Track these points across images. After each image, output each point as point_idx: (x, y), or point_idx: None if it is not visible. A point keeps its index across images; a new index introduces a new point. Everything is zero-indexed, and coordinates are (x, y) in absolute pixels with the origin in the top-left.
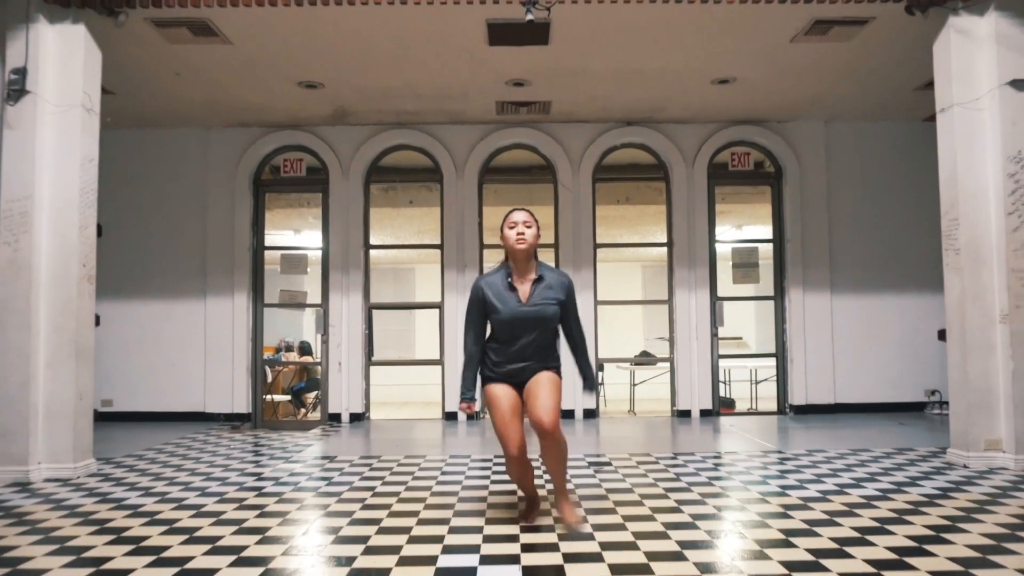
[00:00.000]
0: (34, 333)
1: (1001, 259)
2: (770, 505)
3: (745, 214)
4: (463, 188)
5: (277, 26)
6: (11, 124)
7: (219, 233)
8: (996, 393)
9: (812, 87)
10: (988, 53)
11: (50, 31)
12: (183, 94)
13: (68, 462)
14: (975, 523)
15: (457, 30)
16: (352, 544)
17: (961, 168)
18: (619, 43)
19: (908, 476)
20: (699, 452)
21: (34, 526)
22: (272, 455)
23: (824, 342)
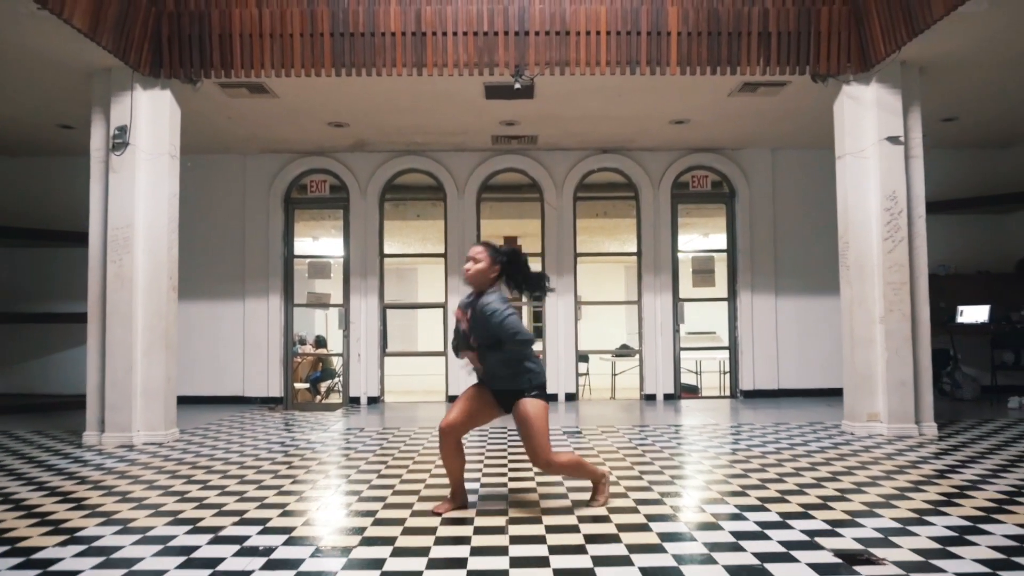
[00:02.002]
0: (134, 330)
1: (879, 274)
2: (692, 458)
3: (707, 226)
4: (464, 205)
5: (317, 86)
6: (115, 169)
7: (255, 244)
8: (875, 377)
9: (754, 126)
10: (872, 114)
11: (144, 96)
12: (230, 131)
13: (160, 429)
14: (841, 461)
15: (461, 90)
16: (388, 480)
17: (851, 203)
18: (589, 98)
19: (805, 439)
20: (652, 425)
21: (145, 467)
22: (312, 427)
23: (769, 337)
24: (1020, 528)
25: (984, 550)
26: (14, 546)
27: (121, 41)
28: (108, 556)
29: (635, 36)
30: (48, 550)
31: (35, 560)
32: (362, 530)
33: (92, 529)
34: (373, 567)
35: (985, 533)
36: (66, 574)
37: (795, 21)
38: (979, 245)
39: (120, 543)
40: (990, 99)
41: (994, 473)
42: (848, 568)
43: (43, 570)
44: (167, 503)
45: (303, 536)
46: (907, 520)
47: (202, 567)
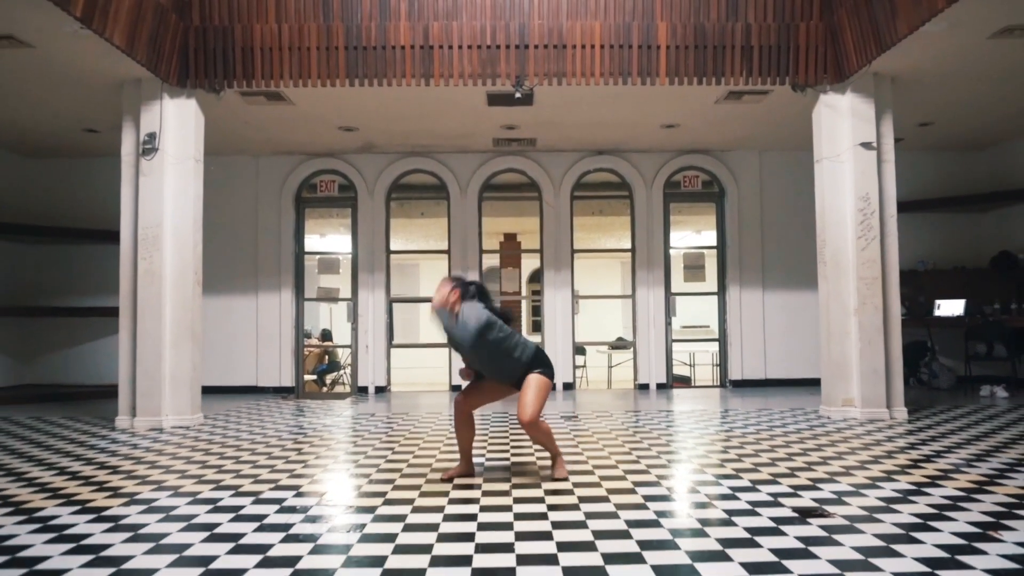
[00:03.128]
0: (163, 323)
1: (854, 270)
2: (677, 438)
3: (698, 224)
4: (466, 203)
5: (331, 94)
6: (145, 173)
7: (268, 241)
8: (850, 366)
9: (740, 130)
10: (847, 121)
11: (171, 104)
12: (245, 134)
13: (187, 414)
14: (814, 440)
15: (465, 98)
16: (404, 454)
17: (828, 204)
18: (585, 106)
19: (784, 422)
20: (644, 410)
21: (179, 446)
22: (325, 413)
23: (757, 329)
24: (958, 491)
25: (922, 507)
26: (84, 506)
27: (153, 55)
28: (168, 514)
29: (627, 49)
30: (114, 509)
31: (106, 516)
32: (383, 494)
33: (147, 494)
34: (397, 520)
35: (926, 495)
36: (136, 526)
37: (775, 35)
38: (956, 242)
39: (176, 503)
40: (961, 107)
41: (948, 450)
42: (802, 520)
43: (115, 523)
44: (207, 474)
45: (333, 499)
46: (861, 485)
47: (251, 520)
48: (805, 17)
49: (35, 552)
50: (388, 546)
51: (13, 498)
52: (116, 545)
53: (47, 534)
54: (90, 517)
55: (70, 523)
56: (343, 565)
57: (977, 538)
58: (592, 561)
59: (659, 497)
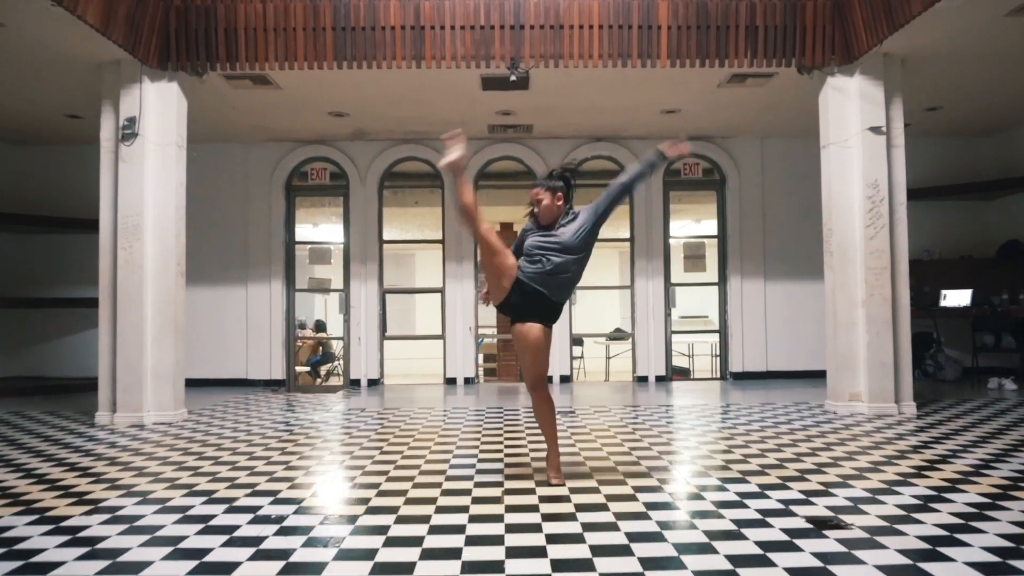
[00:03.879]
0: (144, 315)
1: (861, 259)
2: (679, 435)
3: (698, 212)
4: None
5: (319, 78)
6: (125, 159)
7: (258, 230)
8: (857, 358)
9: (743, 116)
10: (855, 105)
11: (152, 88)
12: (233, 120)
13: (169, 410)
14: (822, 438)
15: (458, 82)
16: (393, 454)
17: (835, 191)
18: (583, 89)
19: (789, 418)
20: (643, 405)
21: (158, 445)
22: (314, 408)
23: (758, 320)
24: (981, 497)
25: (945, 516)
26: (43, 515)
27: (131, 36)
28: (132, 523)
29: (626, 30)
30: (75, 518)
31: (65, 527)
32: (366, 501)
33: (115, 500)
34: (378, 532)
35: (948, 501)
36: (95, 539)
37: (781, 15)
38: (962, 231)
39: (142, 512)
40: (971, 90)
41: (964, 448)
42: (818, 532)
43: (72, 536)
44: (182, 476)
45: (312, 506)
46: (877, 490)
47: (220, 532)
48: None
49: None
50: (366, 564)
51: None
52: (69, 563)
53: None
54: (46, 528)
55: (25, 536)
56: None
57: (1011, 553)
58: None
59: (661, 505)
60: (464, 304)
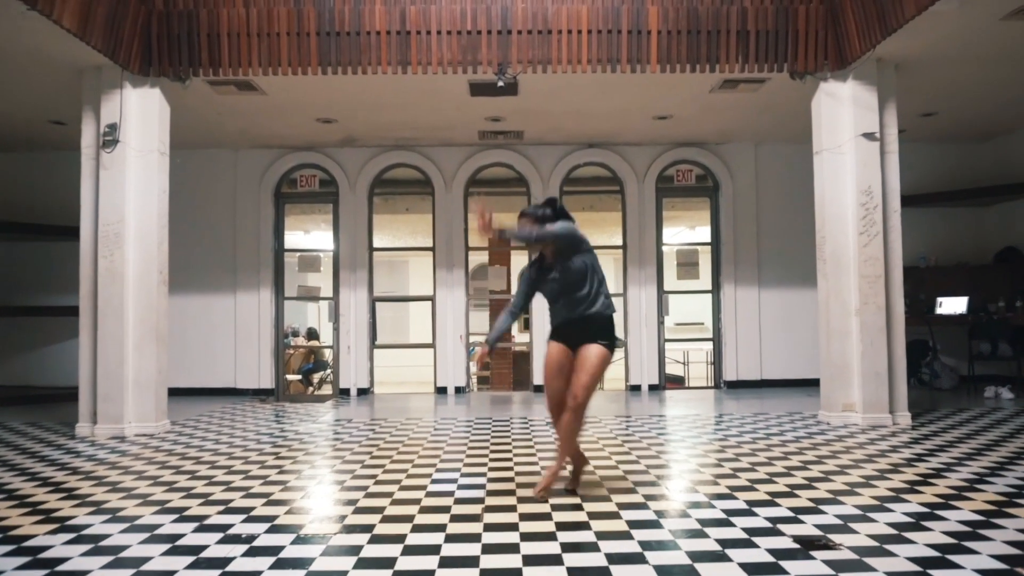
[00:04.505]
0: (125, 324)
1: (855, 267)
2: (670, 448)
3: (692, 219)
4: (451, 199)
5: (305, 83)
6: (106, 166)
7: (247, 237)
8: (851, 368)
9: (736, 121)
10: (848, 111)
11: (134, 94)
12: (220, 126)
13: (151, 421)
14: (814, 451)
15: (446, 88)
16: (374, 468)
17: (828, 198)
18: (573, 94)
19: (782, 430)
20: (635, 416)
21: (136, 458)
22: (301, 419)
23: (752, 328)
24: (974, 514)
25: (938, 535)
26: (6, 534)
27: (111, 40)
28: (97, 544)
29: (616, 35)
30: (39, 538)
31: (26, 548)
32: (343, 518)
33: (83, 518)
34: (351, 553)
35: (941, 519)
36: (56, 561)
37: (773, 19)
38: (959, 237)
39: (109, 531)
40: (966, 95)
41: (959, 461)
42: (805, 553)
43: (33, 557)
44: (156, 492)
45: (286, 524)
46: (868, 507)
47: (187, 554)
48: (804, 0)
49: None
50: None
51: None
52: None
53: None
54: (6, 549)
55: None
56: None
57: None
58: None
59: (646, 523)
60: (455, 312)
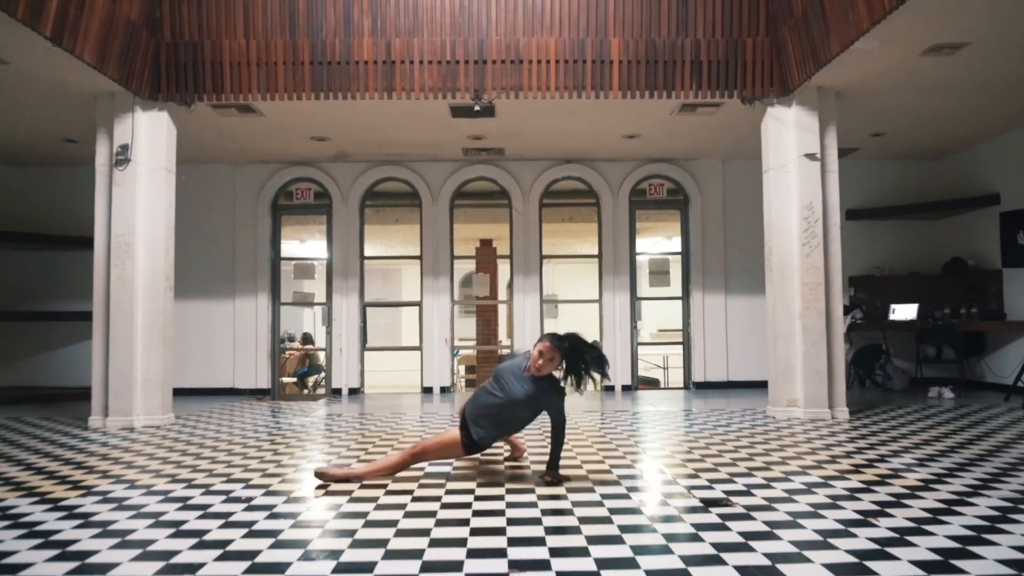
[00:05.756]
0: (135, 327)
1: (798, 276)
2: (621, 436)
3: (664, 230)
4: (438, 211)
5: (300, 106)
6: (118, 183)
7: (245, 247)
8: (794, 367)
9: (700, 140)
10: (792, 133)
11: (144, 117)
12: (221, 145)
13: (157, 415)
14: (750, 438)
15: (429, 111)
16: (359, 451)
17: (774, 212)
18: (546, 116)
19: (730, 422)
20: (602, 412)
21: (146, 444)
22: (296, 414)
23: (719, 333)
24: (861, 484)
25: (821, 497)
26: (43, 497)
27: (124, 70)
28: (121, 504)
29: (581, 64)
30: (71, 499)
31: (62, 506)
32: (326, 486)
33: (106, 486)
34: (332, 509)
35: (830, 487)
36: (89, 514)
37: (723, 51)
38: (911, 248)
39: (130, 495)
40: (909, 119)
41: (872, 447)
42: (704, 509)
43: (69, 512)
44: (166, 468)
45: (279, 490)
46: (774, 479)
47: (196, 510)
48: (752, 33)
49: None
50: (314, 532)
51: None
52: (84, 540)
53: (9, 526)
54: (46, 507)
55: (27, 511)
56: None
57: (893, 543)
58: None
59: (580, 489)
60: (440, 317)
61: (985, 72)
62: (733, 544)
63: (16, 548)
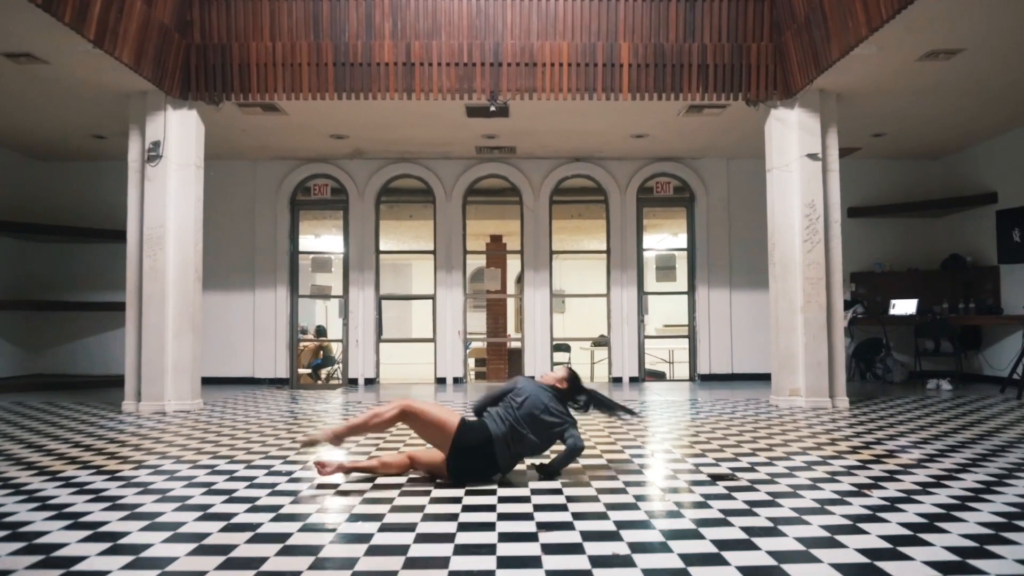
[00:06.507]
0: (166, 316)
1: (800, 271)
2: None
3: (670, 227)
4: (451, 207)
5: (321, 106)
6: (150, 178)
7: (264, 241)
8: (796, 358)
9: (706, 140)
10: (794, 134)
11: (174, 115)
12: (243, 141)
13: (187, 400)
14: (754, 423)
15: (445, 111)
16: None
17: (777, 210)
18: (557, 116)
19: (734, 410)
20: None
21: (180, 427)
22: (316, 401)
23: (724, 326)
24: (858, 462)
25: (820, 473)
26: (95, 470)
27: (158, 71)
28: (156, 470)
29: (592, 67)
30: (123, 472)
31: (105, 471)
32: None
33: (146, 459)
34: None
35: (828, 465)
36: (130, 477)
37: (729, 55)
38: (911, 246)
39: (166, 463)
40: (908, 120)
41: (869, 431)
42: (712, 482)
43: (111, 475)
44: (201, 445)
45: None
46: (775, 457)
47: (224, 474)
48: (756, 38)
49: (60, 501)
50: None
51: (38, 463)
52: (129, 496)
53: (72, 489)
54: (92, 471)
55: (89, 480)
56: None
57: (883, 509)
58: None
59: (597, 466)
60: (453, 310)
61: (980, 76)
62: (739, 510)
63: (89, 510)
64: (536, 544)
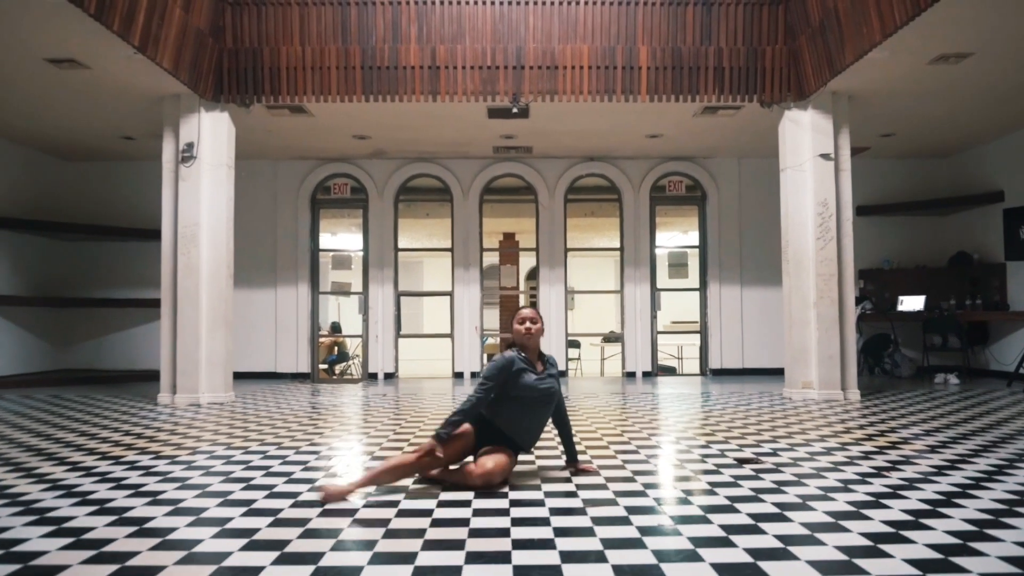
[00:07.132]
0: (200, 311)
1: (813, 267)
2: (651, 411)
3: (682, 224)
4: (468, 205)
5: (348, 108)
6: (184, 178)
7: (286, 239)
8: (809, 352)
9: (720, 139)
10: (808, 134)
11: (207, 117)
12: (267, 142)
13: (220, 392)
14: (770, 413)
15: (468, 112)
16: (398, 420)
17: (791, 208)
18: (575, 118)
19: (748, 402)
20: (626, 393)
21: (220, 417)
22: (339, 394)
23: (735, 322)
24: (873, 448)
25: (837, 456)
26: (144, 454)
27: (193, 75)
28: (195, 450)
29: (612, 70)
30: (175, 455)
31: (152, 451)
32: (372, 454)
33: (187, 444)
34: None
35: (844, 451)
36: (174, 456)
37: (744, 58)
38: (919, 243)
39: (208, 447)
40: (917, 121)
41: (882, 421)
42: (738, 465)
43: (156, 454)
44: (236, 433)
45: (322, 442)
46: (795, 444)
47: (258, 454)
48: (771, 42)
49: (118, 475)
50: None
51: (95, 448)
52: (195, 477)
53: (139, 472)
54: (133, 455)
55: (151, 464)
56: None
57: (887, 495)
58: None
59: (628, 452)
60: (471, 306)
61: (989, 79)
62: (767, 488)
63: (163, 488)
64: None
